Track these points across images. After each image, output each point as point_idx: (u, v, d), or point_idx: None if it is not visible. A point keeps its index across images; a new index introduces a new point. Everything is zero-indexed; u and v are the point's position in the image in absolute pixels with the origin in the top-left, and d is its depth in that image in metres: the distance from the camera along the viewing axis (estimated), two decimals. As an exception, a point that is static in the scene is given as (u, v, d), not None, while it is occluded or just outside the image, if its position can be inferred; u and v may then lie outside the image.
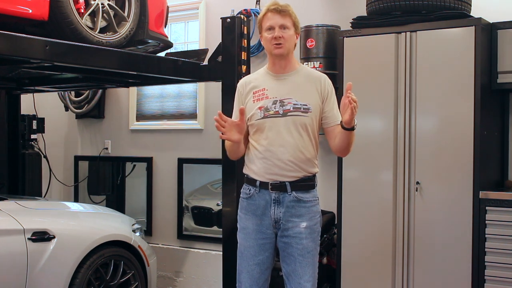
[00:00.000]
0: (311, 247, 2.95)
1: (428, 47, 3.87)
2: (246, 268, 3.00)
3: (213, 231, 5.41)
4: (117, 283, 4.12)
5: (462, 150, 3.75)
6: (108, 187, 6.11)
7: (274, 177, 2.93)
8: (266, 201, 2.95)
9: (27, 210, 3.83)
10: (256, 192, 2.97)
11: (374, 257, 4.04)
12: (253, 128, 2.99)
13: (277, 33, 2.91)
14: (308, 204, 2.96)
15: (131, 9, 4.05)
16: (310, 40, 4.44)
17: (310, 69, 3.10)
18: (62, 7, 3.54)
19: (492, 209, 3.68)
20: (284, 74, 3.00)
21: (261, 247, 2.98)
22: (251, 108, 2.98)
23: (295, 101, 2.93)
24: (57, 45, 3.49)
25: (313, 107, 2.95)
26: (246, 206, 3.02)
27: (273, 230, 2.98)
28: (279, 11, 2.93)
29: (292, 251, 2.93)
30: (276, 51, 2.93)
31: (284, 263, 2.98)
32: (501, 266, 3.66)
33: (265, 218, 2.96)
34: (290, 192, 2.92)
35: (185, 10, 5.64)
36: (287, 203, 2.93)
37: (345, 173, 4.16)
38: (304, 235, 2.93)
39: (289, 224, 2.94)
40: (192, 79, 4.70)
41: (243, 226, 3.05)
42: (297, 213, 2.94)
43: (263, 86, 2.99)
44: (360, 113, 4.08)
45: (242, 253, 3.03)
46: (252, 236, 2.99)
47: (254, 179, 2.97)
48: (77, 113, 6.13)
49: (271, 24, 2.93)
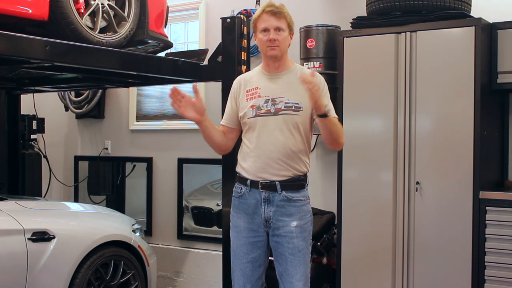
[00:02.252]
0: (302, 246, 2.96)
1: (428, 47, 3.87)
2: (239, 266, 3.04)
3: (213, 231, 5.41)
4: (117, 283, 4.13)
5: (462, 150, 3.75)
6: (108, 187, 6.11)
7: (264, 176, 2.95)
8: (257, 200, 2.97)
9: (27, 210, 3.83)
10: (247, 191, 2.99)
11: (374, 257, 4.04)
12: (246, 126, 3.02)
13: (272, 36, 2.92)
14: (299, 203, 2.97)
15: (131, 9, 4.05)
16: (310, 40, 4.43)
17: (303, 67, 3.10)
18: (62, 7, 3.54)
19: (492, 209, 3.67)
20: (277, 74, 3.02)
21: (253, 245, 3.01)
22: (244, 107, 3.01)
23: (287, 99, 2.94)
24: (57, 45, 3.49)
25: (305, 106, 2.95)
26: (238, 205, 3.05)
27: (264, 229, 3.00)
28: (275, 13, 2.93)
29: (283, 251, 2.95)
30: (271, 53, 2.95)
31: (277, 263, 3.01)
32: (501, 266, 3.66)
33: (256, 217, 2.99)
34: (280, 192, 2.94)
35: (185, 10, 5.64)
36: (277, 202, 2.95)
37: (345, 173, 4.16)
38: (294, 234, 2.94)
39: (280, 223, 2.96)
40: (192, 79, 4.70)
41: (235, 224, 3.08)
42: (287, 212, 2.95)
43: (256, 85, 3.02)
44: (360, 113, 4.13)
45: (234, 252, 3.07)
46: (244, 234, 3.02)
47: (245, 178, 3.00)
48: (77, 113, 6.13)
49: (266, 26, 2.94)
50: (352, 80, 4.13)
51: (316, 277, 4.30)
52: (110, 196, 6.07)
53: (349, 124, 4.08)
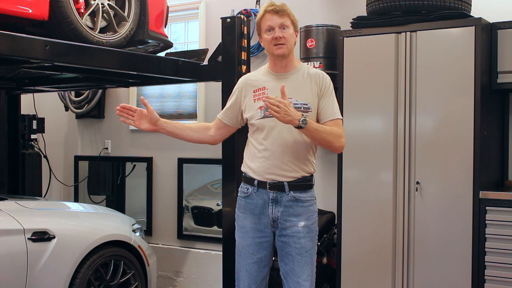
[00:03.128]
0: (309, 246, 2.96)
1: (428, 47, 3.87)
2: (244, 267, 3.01)
3: (213, 231, 5.41)
4: (117, 283, 4.12)
5: (462, 150, 3.75)
6: (108, 187, 6.11)
7: (272, 177, 2.94)
8: (264, 200, 2.96)
9: (27, 210, 3.83)
10: (254, 191, 2.98)
11: (374, 257, 4.04)
12: (253, 127, 3.00)
13: (278, 33, 2.90)
14: (306, 203, 2.97)
15: (131, 9, 4.05)
16: (310, 40, 4.44)
17: (310, 67, 3.09)
18: (62, 7, 3.54)
19: (492, 209, 3.68)
20: (285, 73, 2.99)
21: (259, 246, 2.99)
22: (252, 108, 2.99)
23: (296, 100, 2.90)
24: (57, 45, 3.49)
25: (313, 106, 2.94)
26: (244, 205, 3.03)
27: (271, 229, 2.99)
28: (277, 11, 2.91)
29: (290, 250, 2.94)
30: (278, 51, 2.92)
31: (282, 263, 2.98)
32: (501, 266, 3.66)
33: (263, 217, 2.97)
34: (288, 192, 2.93)
35: (185, 10, 5.64)
36: (285, 202, 2.94)
37: (345, 173, 4.16)
38: (302, 234, 2.94)
39: (287, 223, 2.94)
40: (192, 79, 4.70)
41: (241, 225, 3.05)
42: (295, 213, 2.94)
43: (264, 85, 2.99)
44: (360, 113, 4.13)
45: (240, 252, 3.05)
46: (250, 234, 3.00)
47: (252, 178, 2.98)
48: (77, 113, 6.13)
49: (270, 24, 2.92)
50: (352, 80, 4.13)
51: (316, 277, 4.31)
52: (110, 196, 6.07)
53: (349, 124, 4.09)
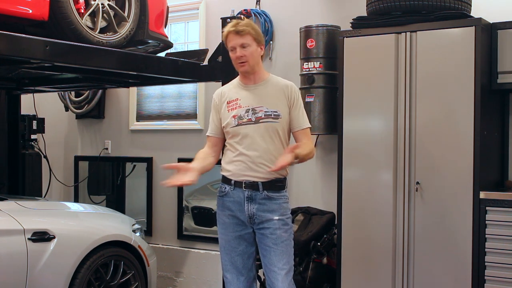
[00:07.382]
0: (284, 237, 3.14)
1: (428, 47, 3.87)
2: (229, 260, 3.22)
3: (213, 231, 5.40)
4: (117, 283, 4.13)
5: (462, 150, 3.75)
6: (108, 187, 6.11)
7: (247, 178, 3.14)
8: (240, 198, 3.16)
9: (27, 210, 3.83)
10: (231, 189, 3.18)
11: (374, 257, 4.04)
12: (229, 134, 3.22)
13: (238, 53, 3.13)
14: (279, 200, 3.17)
15: (131, 9, 4.06)
16: (310, 40, 4.43)
17: (278, 78, 3.30)
18: (62, 7, 3.55)
19: (492, 209, 3.67)
20: (254, 85, 3.22)
21: (240, 238, 3.20)
22: (226, 117, 3.21)
23: (266, 108, 3.15)
24: (57, 45, 3.49)
25: (282, 114, 3.16)
26: (223, 203, 3.24)
27: (250, 225, 3.19)
28: (238, 32, 3.12)
29: (267, 241, 3.13)
30: (241, 69, 3.18)
31: (262, 256, 3.18)
32: (501, 266, 3.66)
33: (240, 214, 3.18)
34: (262, 191, 3.13)
35: (185, 10, 5.64)
36: (259, 200, 3.14)
37: (345, 173, 4.16)
38: (277, 225, 3.13)
39: (263, 218, 3.14)
40: (192, 79, 4.70)
41: (221, 221, 3.26)
42: (269, 209, 3.15)
43: (236, 96, 3.22)
44: (360, 113, 4.13)
45: (224, 247, 3.24)
46: (230, 229, 3.21)
47: (230, 179, 3.19)
48: (77, 113, 6.13)
49: (232, 45, 3.15)
50: (352, 80, 4.13)
51: (316, 277, 4.32)
52: (110, 196, 6.07)
53: (349, 124, 4.09)
